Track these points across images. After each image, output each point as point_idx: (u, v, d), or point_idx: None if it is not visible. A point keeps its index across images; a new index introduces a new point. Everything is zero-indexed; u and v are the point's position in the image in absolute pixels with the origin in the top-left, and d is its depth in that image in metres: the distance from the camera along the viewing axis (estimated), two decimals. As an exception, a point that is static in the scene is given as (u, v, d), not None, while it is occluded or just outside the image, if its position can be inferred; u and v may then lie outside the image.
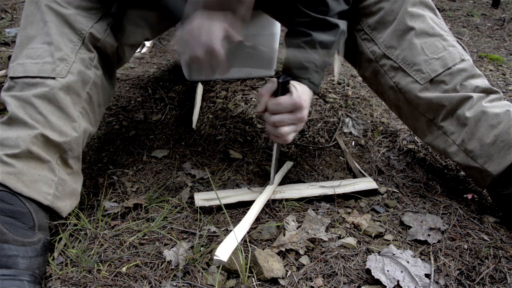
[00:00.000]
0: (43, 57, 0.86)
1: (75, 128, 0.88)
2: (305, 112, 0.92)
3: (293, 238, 0.88)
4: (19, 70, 0.85)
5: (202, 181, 1.12)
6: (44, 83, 0.84)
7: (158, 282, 0.76)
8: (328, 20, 0.99)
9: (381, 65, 1.08)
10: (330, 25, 0.99)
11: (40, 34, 0.88)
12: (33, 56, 0.86)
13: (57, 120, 0.85)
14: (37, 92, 0.83)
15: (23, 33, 0.89)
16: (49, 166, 0.83)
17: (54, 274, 0.77)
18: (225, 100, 1.61)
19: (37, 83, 0.84)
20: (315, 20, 0.98)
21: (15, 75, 0.86)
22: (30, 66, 0.85)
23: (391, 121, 1.49)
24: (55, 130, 0.84)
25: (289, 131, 0.92)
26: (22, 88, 0.85)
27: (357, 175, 1.16)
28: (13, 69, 0.86)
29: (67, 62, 0.87)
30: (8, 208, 0.76)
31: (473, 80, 1.00)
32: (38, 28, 0.88)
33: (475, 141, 0.97)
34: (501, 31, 2.96)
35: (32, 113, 0.82)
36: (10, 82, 0.86)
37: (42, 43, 0.87)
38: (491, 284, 0.79)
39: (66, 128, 0.86)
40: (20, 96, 0.83)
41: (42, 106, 0.83)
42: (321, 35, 0.98)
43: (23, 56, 0.87)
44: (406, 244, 0.90)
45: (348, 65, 2.09)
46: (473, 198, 1.04)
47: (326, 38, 0.98)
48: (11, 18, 2.69)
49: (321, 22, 0.98)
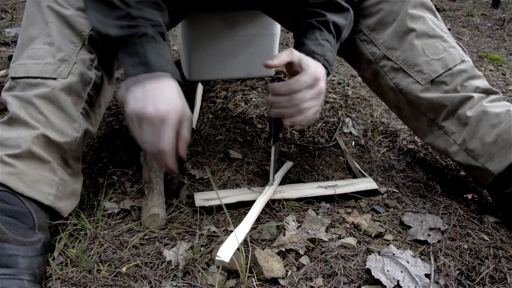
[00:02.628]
0: (44, 57, 0.86)
1: (76, 128, 0.88)
2: (323, 84, 0.90)
3: (293, 238, 0.88)
4: (21, 71, 0.86)
5: (202, 181, 1.12)
6: (46, 84, 0.84)
7: (158, 282, 0.76)
8: (340, 3, 1.00)
9: (381, 66, 1.08)
10: (342, 7, 1.00)
11: (41, 35, 0.88)
12: (35, 56, 0.86)
13: (58, 121, 0.85)
14: (39, 92, 0.83)
15: (24, 34, 0.90)
16: (50, 167, 0.83)
17: (54, 274, 0.77)
18: (225, 100, 1.61)
19: (38, 84, 0.84)
20: (329, 1, 0.99)
21: (16, 75, 0.86)
22: (32, 67, 0.85)
23: (391, 121, 1.49)
24: (56, 130, 0.84)
25: (311, 106, 0.90)
26: (23, 88, 0.85)
27: (357, 175, 1.16)
28: (15, 70, 0.86)
29: (68, 63, 0.87)
30: (8, 208, 0.76)
31: (474, 81, 1.01)
32: (40, 28, 0.88)
33: (476, 141, 0.98)
34: (501, 31, 2.96)
35: (33, 113, 0.83)
36: (11, 82, 0.86)
37: (44, 43, 0.87)
38: (491, 284, 0.79)
39: (67, 129, 0.86)
40: (21, 96, 0.83)
41: (43, 106, 0.83)
42: (334, 16, 0.99)
43: (24, 56, 0.87)
44: (406, 244, 0.90)
45: (348, 65, 2.10)
46: (473, 198, 1.04)
47: (339, 20, 0.99)
48: (11, 18, 2.69)
49: (334, 3, 1.00)
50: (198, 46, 1.68)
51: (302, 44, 0.95)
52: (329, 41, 0.97)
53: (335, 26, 0.99)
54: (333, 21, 0.98)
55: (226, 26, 1.67)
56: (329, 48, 0.96)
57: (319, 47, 0.94)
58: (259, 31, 1.71)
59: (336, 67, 2.07)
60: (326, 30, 0.98)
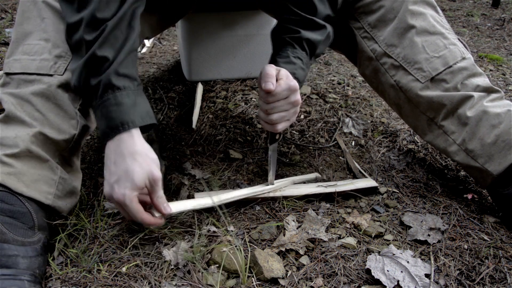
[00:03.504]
0: (40, 53, 0.85)
1: (74, 125, 0.87)
2: (299, 96, 0.90)
3: (293, 238, 0.88)
4: (16, 66, 0.84)
5: (202, 181, 1.12)
6: (42, 80, 0.83)
7: (158, 282, 0.76)
8: (316, 21, 0.99)
9: (382, 64, 1.08)
10: (318, 25, 0.99)
11: (37, 30, 0.86)
12: (30, 52, 0.85)
13: (55, 118, 0.83)
14: (35, 89, 0.82)
15: (19, 29, 0.88)
16: (49, 165, 0.83)
17: (54, 274, 0.77)
18: (225, 100, 1.61)
19: (34, 80, 0.83)
20: (304, 19, 0.98)
21: (11, 71, 0.84)
22: (27, 63, 0.84)
23: (391, 121, 1.49)
24: (53, 127, 0.83)
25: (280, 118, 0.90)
26: (18, 84, 0.83)
27: (357, 175, 1.16)
28: (9, 65, 0.85)
29: (65, 59, 0.85)
30: (8, 208, 0.75)
31: (474, 79, 1.00)
32: (35, 24, 0.87)
33: (476, 141, 0.97)
34: (501, 31, 2.96)
35: (30, 111, 0.82)
36: (6, 78, 0.85)
37: (39, 39, 0.86)
38: (491, 284, 0.79)
39: (64, 126, 0.85)
40: (17, 93, 0.82)
41: (40, 104, 0.82)
42: (309, 33, 0.98)
43: (19, 52, 0.86)
44: (406, 244, 0.90)
45: (348, 65, 2.10)
46: (473, 198, 1.04)
47: (313, 36, 0.98)
48: (11, 18, 2.68)
49: (309, 21, 0.98)
50: (198, 46, 1.68)
51: (274, 61, 0.96)
52: (300, 58, 0.97)
53: (309, 43, 0.98)
54: (307, 38, 0.97)
55: (226, 26, 1.67)
56: (300, 66, 0.96)
57: (290, 65, 0.95)
58: (259, 31, 1.71)
59: (336, 67, 2.07)
60: (299, 47, 0.98)
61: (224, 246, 0.83)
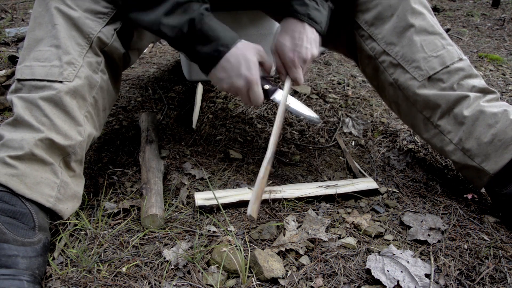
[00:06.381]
0: (50, 60, 0.86)
1: (80, 132, 0.88)
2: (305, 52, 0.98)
3: (293, 238, 0.88)
4: (27, 73, 0.85)
5: (202, 181, 1.12)
6: (51, 87, 0.84)
7: (158, 282, 0.76)
8: None
9: (381, 62, 1.08)
10: None
11: (48, 37, 0.87)
12: (41, 58, 0.86)
13: (62, 124, 0.85)
14: (44, 95, 0.83)
15: (31, 35, 0.89)
16: (51, 169, 0.83)
17: (54, 274, 0.77)
18: (225, 100, 1.61)
19: (44, 86, 0.84)
20: None
21: (22, 77, 0.85)
22: (38, 69, 0.85)
23: (391, 121, 1.49)
24: (60, 133, 0.84)
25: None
26: (29, 90, 0.85)
27: (357, 175, 1.16)
28: (21, 71, 0.86)
29: (75, 66, 0.86)
30: (9, 209, 0.76)
31: (470, 80, 1.01)
32: (47, 30, 0.88)
33: (473, 140, 0.98)
34: (501, 31, 2.96)
35: (38, 116, 0.82)
36: (17, 84, 0.86)
37: (50, 46, 0.87)
38: (491, 284, 0.79)
39: (71, 132, 0.86)
40: (27, 97, 0.83)
41: (48, 109, 0.83)
42: None
43: (30, 58, 0.87)
44: (406, 244, 0.90)
45: (348, 65, 2.10)
46: (473, 198, 1.04)
47: None
48: (11, 18, 2.69)
49: None
50: (198, 46, 1.67)
51: (288, 6, 0.98)
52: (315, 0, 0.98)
53: None
54: None
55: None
56: (314, 7, 0.97)
57: (303, 7, 0.96)
58: (259, 31, 1.71)
59: (336, 67, 2.07)
60: None
61: (224, 246, 0.83)
